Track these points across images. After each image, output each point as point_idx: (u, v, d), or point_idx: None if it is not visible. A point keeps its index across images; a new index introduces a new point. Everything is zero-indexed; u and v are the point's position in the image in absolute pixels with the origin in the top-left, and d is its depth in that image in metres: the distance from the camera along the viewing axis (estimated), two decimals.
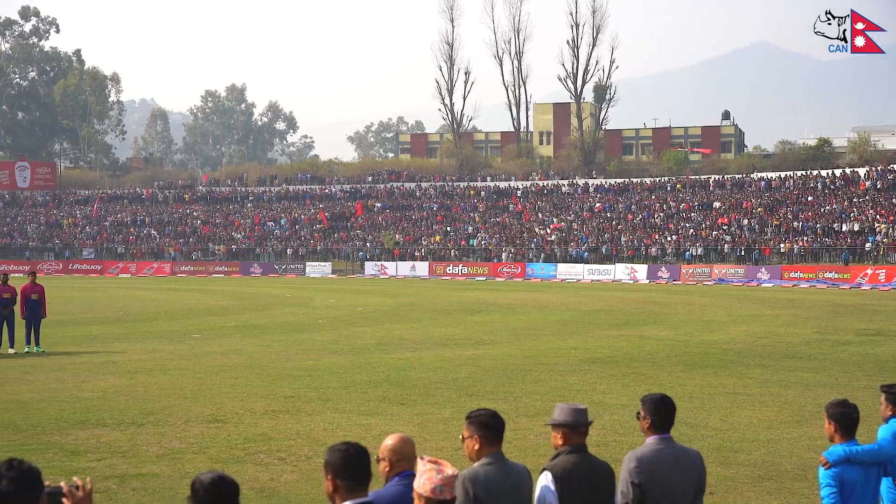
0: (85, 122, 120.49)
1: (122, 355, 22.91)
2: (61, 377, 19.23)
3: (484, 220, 79.76)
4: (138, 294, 50.23)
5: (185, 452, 12.36)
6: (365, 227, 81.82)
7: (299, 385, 18.02)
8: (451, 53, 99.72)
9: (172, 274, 76.35)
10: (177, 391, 17.30)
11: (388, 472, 5.15)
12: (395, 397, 16.66)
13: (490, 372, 19.91)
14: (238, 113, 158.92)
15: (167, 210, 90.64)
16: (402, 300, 44.16)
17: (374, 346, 24.91)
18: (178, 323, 32.47)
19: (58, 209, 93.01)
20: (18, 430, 13.78)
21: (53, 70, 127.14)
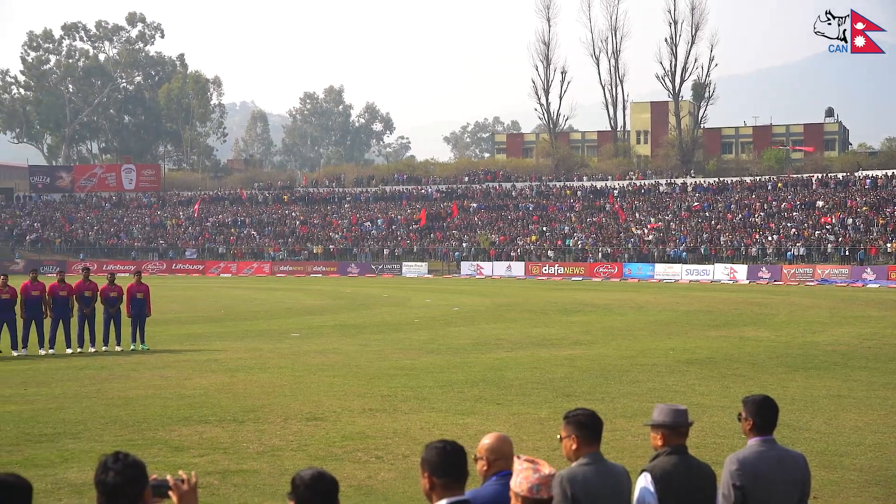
0: (188, 125, 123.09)
1: (223, 353, 23.33)
2: (165, 374, 19.65)
3: (580, 220, 79.28)
4: (239, 293, 51.10)
5: (285, 450, 12.51)
6: (461, 227, 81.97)
7: (396, 384, 18.12)
8: (547, 53, 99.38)
9: (272, 274, 77.50)
10: (276, 389, 17.53)
11: (485, 472, 5.14)
12: (492, 397, 16.64)
13: (587, 372, 19.77)
14: (336, 114, 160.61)
15: (266, 211, 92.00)
16: (498, 300, 44.13)
17: (471, 346, 24.93)
18: (278, 322, 32.95)
19: (162, 210, 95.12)
20: (125, 426, 14.11)
21: (158, 74, 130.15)
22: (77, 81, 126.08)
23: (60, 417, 14.74)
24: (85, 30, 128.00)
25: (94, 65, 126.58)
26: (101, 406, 15.80)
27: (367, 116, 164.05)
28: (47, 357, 22.89)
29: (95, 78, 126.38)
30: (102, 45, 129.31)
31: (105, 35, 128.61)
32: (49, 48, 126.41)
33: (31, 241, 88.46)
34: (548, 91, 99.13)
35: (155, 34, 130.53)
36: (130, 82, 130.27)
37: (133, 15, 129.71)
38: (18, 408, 15.66)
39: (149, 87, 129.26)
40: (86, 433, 13.60)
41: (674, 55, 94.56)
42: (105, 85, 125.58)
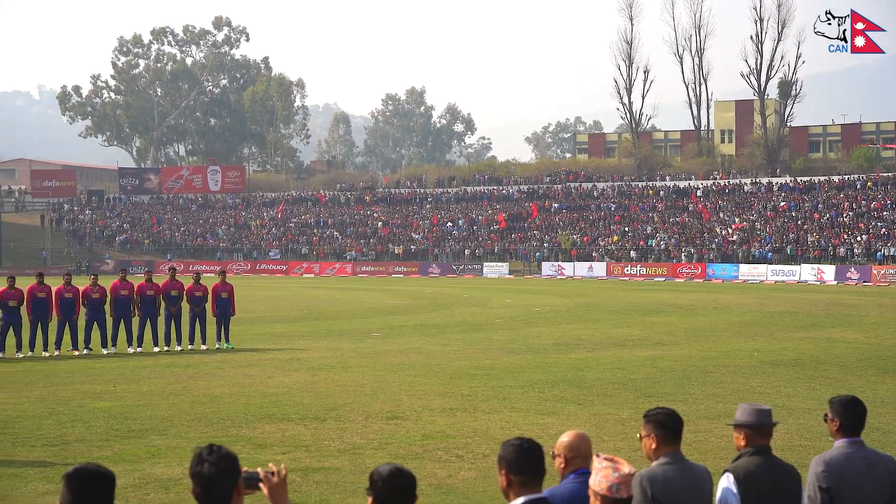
0: (272, 127, 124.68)
1: (305, 352, 23.57)
2: (249, 373, 19.91)
3: (663, 220, 78.51)
4: (321, 293, 51.59)
5: (366, 448, 12.58)
6: (542, 227, 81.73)
7: (477, 383, 18.12)
8: (629, 52, 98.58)
9: (353, 274, 78.09)
10: (357, 388, 17.65)
11: (563, 470, 5.12)
12: (572, 397, 16.56)
13: (669, 373, 19.57)
14: (417, 116, 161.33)
15: (348, 211, 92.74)
16: (580, 300, 43.90)
17: (551, 346, 24.84)
18: (359, 321, 33.18)
19: (246, 211, 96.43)
20: (210, 423, 14.32)
21: (243, 77, 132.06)
22: (165, 85, 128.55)
23: (148, 414, 15.03)
24: (173, 34, 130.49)
25: (181, 69, 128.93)
26: (187, 403, 16.06)
27: (449, 117, 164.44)
28: (136, 355, 23.35)
29: (182, 81, 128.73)
30: (189, 49, 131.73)
31: (192, 39, 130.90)
32: (138, 53, 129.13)
33: (120, 242, 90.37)
34: (630, 90, 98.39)
35: (240, 38, 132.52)
36: (216, 85, 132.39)
37: (219, 19, 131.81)
38: (108, 404, 15.99)
39: (234, 90, 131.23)
40: (172, 430, 13.84)
41: (759, 53, 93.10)
42: (192, 88, 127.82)
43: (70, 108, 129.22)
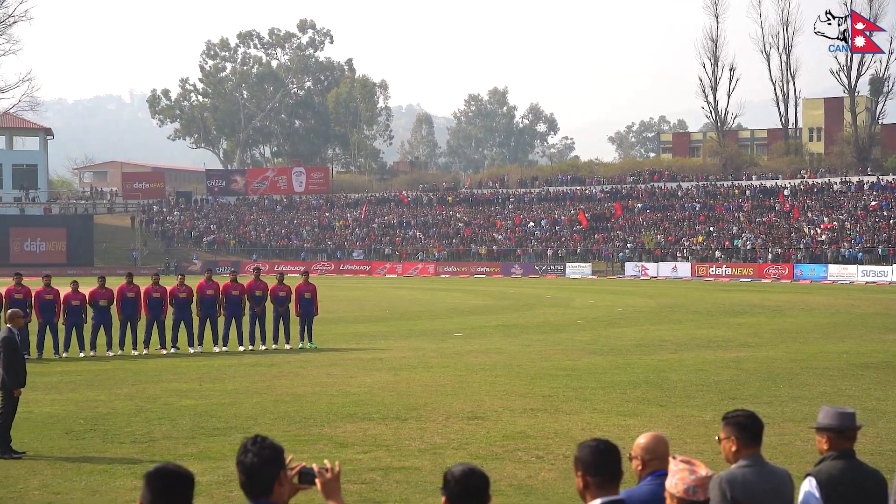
0: (355, 129, 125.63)
1: (387, 352, 23.72)
2: (332, 372, 20.10)
3: (749, 220, 77.29)
4: (403, 293, 51.85)
5: (446, 448, 12.62)
6: (625, 227, 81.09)
7: (558, 384, 18.07)
8: (715, 50, 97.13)
9: (436, 274, 78.31)
10: (438, 388, 17.71)
11: (640, 471, 5.08)
12: (654, 398, 16.42)
13: (754, 375, 19.28)
14: (500, 116, 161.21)
15: (431, 212, 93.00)
16: (663, 301, 43.45)
17: (634, 347, 24.64)
18: (441, 322, 33.27)
19: (330, 212, 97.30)
20: (292, 422, 14.49)
21: (327, 79, 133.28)
22: (251, 88, 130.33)
23: (232, 412, 15.27)
24: (259, 37, 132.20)
25: (266, 71, 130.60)
26: (271, 402, 16.28)
27: (531, 117, 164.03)
28: (221, 354, 23.73)
29: (268, 84, 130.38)
30: (275, 51, 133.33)
31: (277, 42, 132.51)
32: (225, 56, 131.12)
33: (207, 243, 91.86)
34: (715, 89, 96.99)
35: (324, 40, 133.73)
36: (301, 87, 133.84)
37: (304, 22, 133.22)
38: (194, 402, 16.28)
39: (318, 92, 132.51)
40: (256, 428, 14.01)
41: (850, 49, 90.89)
42: (277, 90, 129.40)
43: (159, 112, 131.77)
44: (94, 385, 18.46)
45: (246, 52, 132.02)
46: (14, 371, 12.66)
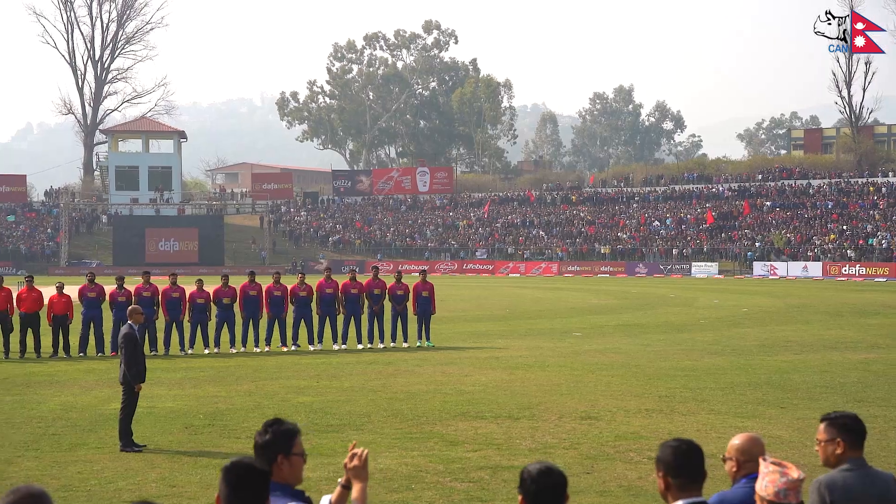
0: (479, 128, 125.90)
1: (504, 351, 23.68)
2: (447, 370, 20.16)
3: (885, 219, 74.75)
4: (525, 293, 51.71)
5: (557, 447, 12.52)
6: (753, 226, 79.33)
7: (675, 385, 17.76)
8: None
9: (559, 274, 77.92)
10: (553, 387, 17.60)
11: (735, 473, 4.94)
12: (775, 400, 16.00)
13: (883, 377, 18.62)
14: (625, 114, 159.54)
15: (555, 211, 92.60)
16: (791, 301, 42.34)
17: (757, 348, 24.06)
18: (561, 321, 33.07)
19: (454, 211, 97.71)
20: (405, 420, 14.57)
21: (452, 79, 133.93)
22: (377, 89, 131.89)
23: (347, 410, 15.43)
24: (384, 39, 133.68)
25: (392, 72, 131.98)
26: (385, 400, 16.40)
27: (658, 115, 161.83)
28: (340, 352, 24.02)
29: (393, 85, 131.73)
30: (400, 53, 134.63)
31: (403, 43, 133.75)
32: (352, 58, 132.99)
33: (333, 242, 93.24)
34: (849, 83, 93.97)
35: (449, 41, 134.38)
36: (426, 88, 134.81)
37: (429, 23, 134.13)
38: (311, 399, 16.52)
39: (443, 92, 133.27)
40: (369, 425, 14.16)
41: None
42: (402, 91, 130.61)
43: (288, 114, 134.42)
44: (216, 381, 18.89)
45: (372, 53, 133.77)
46: (135, 367, 13.03)
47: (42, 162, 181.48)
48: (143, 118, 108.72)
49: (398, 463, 11.72)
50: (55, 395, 17.16)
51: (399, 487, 10.61)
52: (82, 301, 23.64)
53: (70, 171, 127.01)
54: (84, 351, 23.35)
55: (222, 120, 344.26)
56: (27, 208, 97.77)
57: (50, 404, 16.19)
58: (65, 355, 23.09)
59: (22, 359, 22.80)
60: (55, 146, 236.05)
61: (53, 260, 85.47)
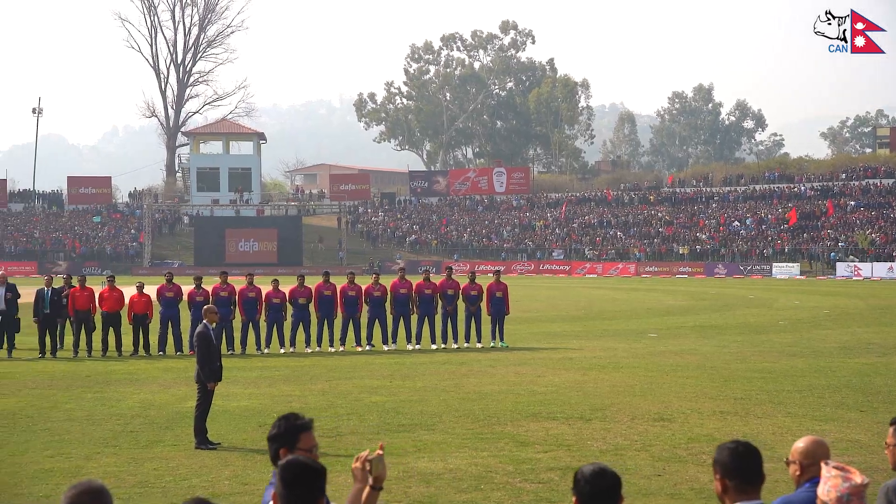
0: (556, 128, 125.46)
1: (578, 352, 23.56)
2: (520, 371, 20.12)
3: None
4: (601, 293, 51.38)
5: (628, 449, 12.44)
6: (837, 226, 77.82)
7: (751, 387, 17.52)
8: None
9: (636, 274, 77.28)
10: (626, 388, 17.47)
11: (798, 477, 4.85)
12: (854, 403, 15.70)
13: None
14: (705, 113, 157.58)
15: (632, 211, 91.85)
16: (874, 302, 41.46)
17: (837, 350, 23.61)
18: (636, 322, 32.80)
19: (530, 212, 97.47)
20: (476, 420, 14.58)
21: (529, 79, 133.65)
22: (454, 89, 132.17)
23: (419, 409, 15.48)
24: (461, 40, 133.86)
25: (469, 73, 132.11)
26: (457, 400, 16.43)
27: (738, 114, 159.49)
28: (414, 352, 24.11)
29: (470, 85, 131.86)
30: (477, 53, 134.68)
31: (480, 44, 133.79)
32: (429, 59, 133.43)
33: (410, 243, 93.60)
34: None
35: (526, 41, 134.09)
36: (503, 88, 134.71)
37: (506, 23, 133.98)
38: (383, 399, 16.62)
39: (520, 93, 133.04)
40: (440, 425, 14.19)
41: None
42: (479, 92, 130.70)
43: (366, 115, 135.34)
44: (291, 380, 19.09)
45: (449, 54, 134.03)
46: (208, 365, 13.23)
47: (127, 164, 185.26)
48: (223, 120, 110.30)
49: (468, 463, 11.73)
50: (134, 393, 17.50)
51: (468, 488, 10.63)
52: (160, 301, 24.09)
53: (154, 172, 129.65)
54: (163, 350, 23.78)
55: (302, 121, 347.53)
56: (112, 209, 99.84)
57: (129, 402, 16.52)
58: (145, 354, 23.54)
59: (104, 357, 23.29)
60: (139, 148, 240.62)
61: (137, 260, 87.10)
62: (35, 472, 11.55)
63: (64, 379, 19.47)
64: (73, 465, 11.84)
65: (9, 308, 23.66)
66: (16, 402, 16.63)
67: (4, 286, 23.92)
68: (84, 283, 24.14)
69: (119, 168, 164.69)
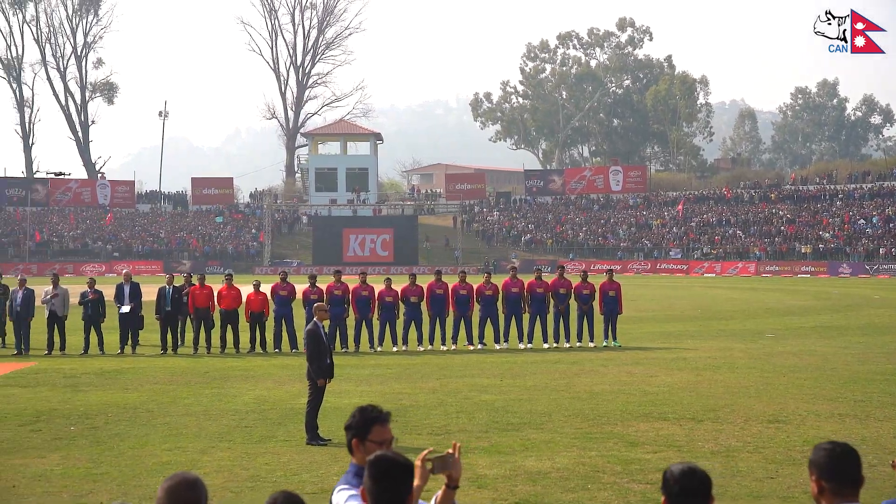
0: (674, 126, 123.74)
1: (692, 352, 23.20)
2: (632, 371, 19.92)
3: None
4: (719, 293, 50.44)
5: (740, 451, 12.21)
6: None
7: (873, 389, 17.02)
8: None
9: (756, 274, 75.68)
10: (741, 389, 17.14)
11: None
12: None
13: None
14: (829, 109, 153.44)
15: (752, 210, 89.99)
16: None
17: None
18: (754, 322, 32.13)
19: (647, 211, 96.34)
20: (585, 419, 14.49)
21: (646, 77, 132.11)
22: (570, 88, 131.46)
23: (528, 408, 15.46)
24: (577, 38, 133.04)
25: (585, 71, 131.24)
26: (567, 399, 16.34)
27: (865, 109, 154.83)
28: (525, 351, 24.07)
29: (587, 84, 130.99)
30: (593, 51, 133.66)
31: (596, 42, 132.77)
32: (545, 58, 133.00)
33: (525, 242, 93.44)
34: None
35: (643, 38, 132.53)
36: (619, 86, 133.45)
37: (623, 20, 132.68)
38: (493, 397, 16.63)
39: (637, 90, 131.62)
40: (548, 424, 14.14)
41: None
42: (595, 90, 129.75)
43: (481, 115, 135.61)
44: (402, 378, 19.25)
45: (565, 52, 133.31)
46: (317, 362, 13.42)
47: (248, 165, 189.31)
48: (341, 121, 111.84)
49: (575, 462, 11.67)
50: (250, 389, 17.88)
51: (575, 487, 10.57)
52: (274, 299, 24.53)
53: (274, 173, 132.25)
54: (279, 347, 24.22)
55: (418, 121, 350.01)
56: (234, 210, 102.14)
57: (245, 398, 16.88)
58: (261, 351, 24.02)
59: (222, 354, 23.85)
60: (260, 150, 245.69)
61: (257, 259, 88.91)
62: (153, 464, 11.87)
63: (184, 375, 20.01)
64: (189, 459, 12.14)
65: (133, 306, 24.43)
66: (137, 396, 17.15)
67: (129, 285, 24.68)
68: (203, 282, 24.78)
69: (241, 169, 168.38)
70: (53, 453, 12.56)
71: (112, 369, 20.91)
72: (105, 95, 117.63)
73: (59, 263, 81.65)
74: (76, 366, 21.54)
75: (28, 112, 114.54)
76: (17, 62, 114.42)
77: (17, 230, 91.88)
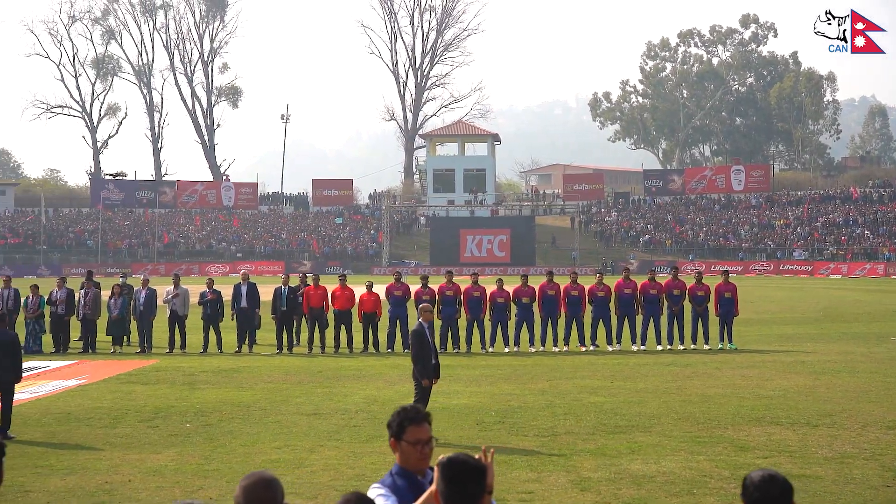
0: (799, 124, 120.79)
1: (811, 355, 22.58)
2: (747, 374, 19.50)
3: None
4: (843, 294, 48.98)
5: (856, 458, 11.85)
6: None
7: None
8: None
9: (886, 275, 73.27)
10: (861, 394, 16.64)
11: None
12: None
13: None
14: None
15: (882, 209, 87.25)
16: None
17: None
18: (879, 325, 31.08)
19: (770, 210, 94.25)
20: (695, 423, 14.25)
21: (770, 74, 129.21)
22: (691, 87, 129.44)
23: (637, 411, 15.27)
24: (699, 35, 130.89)
25: (707, 69, 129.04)
26: (678, 402, 16.10)
27: None
28: (638, 353, 23.75)
29: (708, 82, 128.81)
30: (716, 49, 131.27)
31: (718, 39, 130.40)
32: (665, 56, 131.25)
33: (644, 243, 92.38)
34: None
35: (768, 34, 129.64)
36: (742, 84, 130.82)
37: (746, 17, 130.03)
38: (602, 399, 16.48)
39: (760, 88, 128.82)
40: (657, 427, 13.95)
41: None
42: (717, 88, 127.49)
43: (600, 114, 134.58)
44: (511, 379, 19.22)
45: (686, 50, 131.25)
46: (421, 362, 13.49)
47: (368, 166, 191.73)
48: (459, 122, 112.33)
49: (682, 467, 11.48)
50: (361, 389, 18.07)
51: (680, 492, 10.41)
52: (389, 299, 24.74)
53: (393, 174, 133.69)
54: (391, 347, 24.40)
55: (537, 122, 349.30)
56: (353, 211, 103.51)
57: (355, 397, 17.06)
58: (374, 350, 24.26)
59: (335, 353, 24.17)
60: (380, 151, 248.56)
61: (376, 260, 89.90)
62: (263, 462, 12.09)
63: (297, 374, 20.33)
64: (297, 457, 12.32)
65: (250, 306, 24.96)
66: (251, 395, 17.50)
67: (246, 285, 25.22)
68: (317, 282, 25.15)
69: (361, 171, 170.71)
70: (168, 449, 12.91)
71: (228, 368, 21.39)
72: (230, 99, 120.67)
73: (186, 264, 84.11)
74: (195, 364, 22.10)
75: (157, 116, 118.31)
76: (147, 68, 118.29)
77: (146, 231, 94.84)
